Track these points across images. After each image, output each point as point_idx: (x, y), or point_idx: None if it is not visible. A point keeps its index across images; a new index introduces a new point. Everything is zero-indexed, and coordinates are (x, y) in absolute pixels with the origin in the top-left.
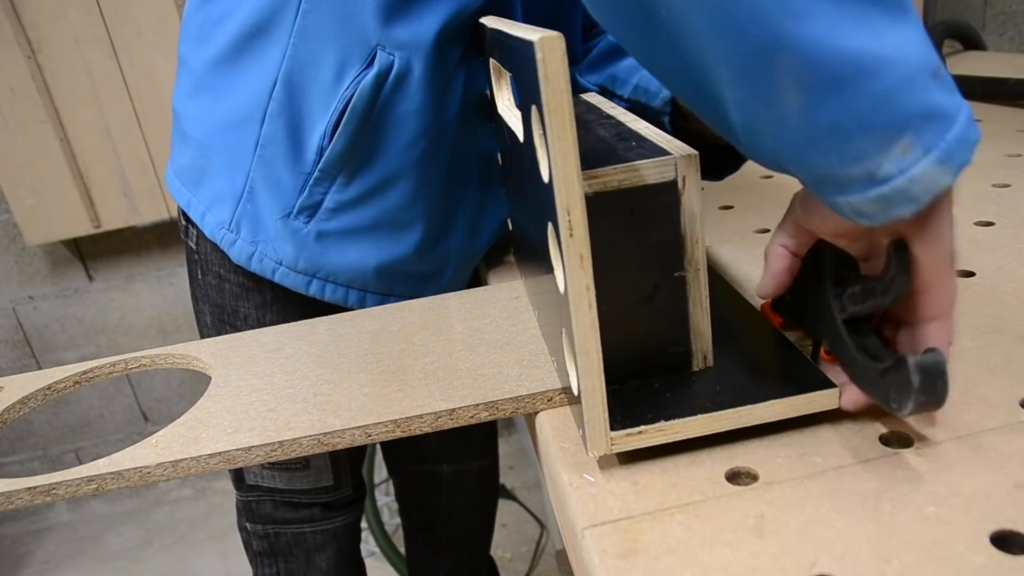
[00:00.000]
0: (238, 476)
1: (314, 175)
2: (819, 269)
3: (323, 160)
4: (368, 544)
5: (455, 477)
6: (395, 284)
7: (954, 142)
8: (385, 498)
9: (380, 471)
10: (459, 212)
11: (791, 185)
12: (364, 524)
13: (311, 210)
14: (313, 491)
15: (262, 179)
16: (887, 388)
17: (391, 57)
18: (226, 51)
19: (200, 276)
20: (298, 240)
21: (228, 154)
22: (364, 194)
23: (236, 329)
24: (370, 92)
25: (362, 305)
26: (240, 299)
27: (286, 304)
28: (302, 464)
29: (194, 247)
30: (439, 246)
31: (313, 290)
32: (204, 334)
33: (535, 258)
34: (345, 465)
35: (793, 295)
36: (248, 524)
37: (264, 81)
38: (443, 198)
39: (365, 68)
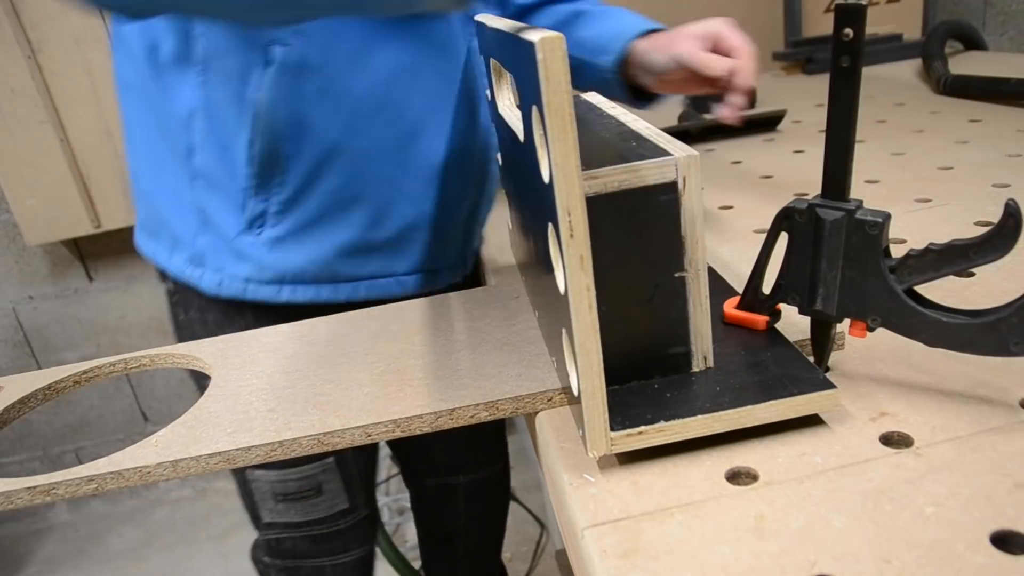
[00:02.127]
0: (254, 515)
1: (252, 185)
2: (843, 250)
3: (255, 167)
4: None
5: (471, 487)
6: (364, 266)
7: None
8: (384, 498)
9: (379, 472)
10: (402, 177)
11: (791, 185)
12: None
13: (260, 219)
14: (330, 518)
15: (209, 207)
16: (1003, 336)
17: (287, 46)
18: (143, 102)
19: (184, 315)
20: (257, 252)
21: (171, 195)
22: (302, 185)
23: None
24: (276, 85)
25: (336, 297)
26: (225, 327)
27: (269, 321)
28: (314, 490)
29: (172, 288)
30: (391, 214)
31: (285, 296)
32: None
33: (535, 258)
34: (358, 484)
35: (788, 287)
36: (267, 558)
37: (181, 117)
38: (379, 166)
39: (266, 65)
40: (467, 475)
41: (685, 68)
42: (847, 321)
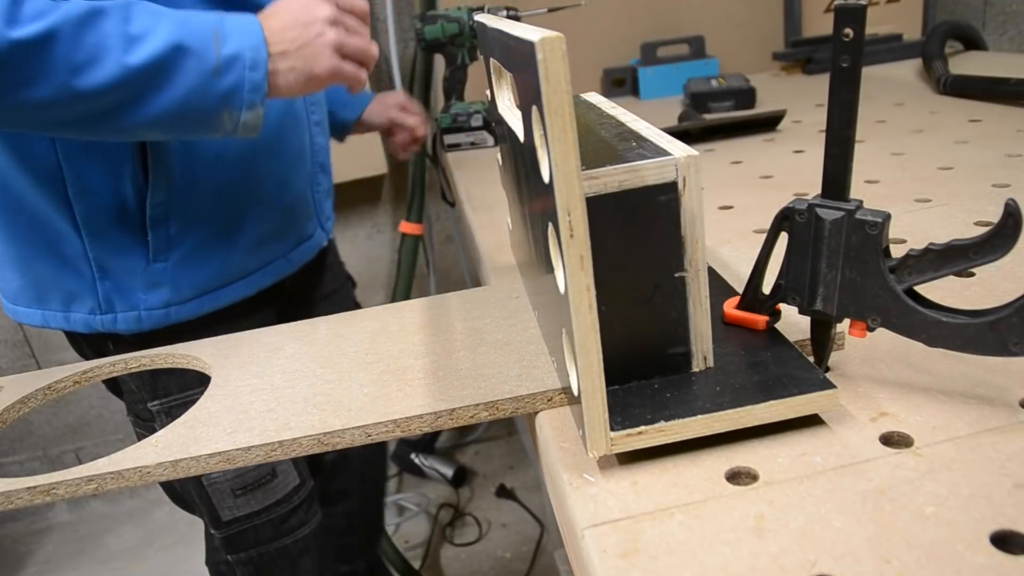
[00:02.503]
0: (213, 517)
1: (149, 215)
2: (841, 249)
3: (151, 195)
4: None
5: (339, 460)
6: (263, 255)
7: (250, 63)
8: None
9: None
10: (276, 166)
11: (790, 185)
12: None
13: (165, 243)
14: (286, 498)
15: (104, 251)
16: (1003, 336)
17: None
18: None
19: (122, 378)
20: (171, 275)
21: (52, 254)
22: (197, 200)
23: (177, 392)
24: None
25: (250, 291)
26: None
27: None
28: (270, 474)
29: (81, 348)
30: (273, 202)
31: (208, 306)
32: (157, 426)
33: (535, 258)
34: (303, 459)
35: (788, 287)
36: (230, 556)
37: (46, 173)
38: (258, 162)
39: None
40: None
41: (394, 124)
42: (847, 321)
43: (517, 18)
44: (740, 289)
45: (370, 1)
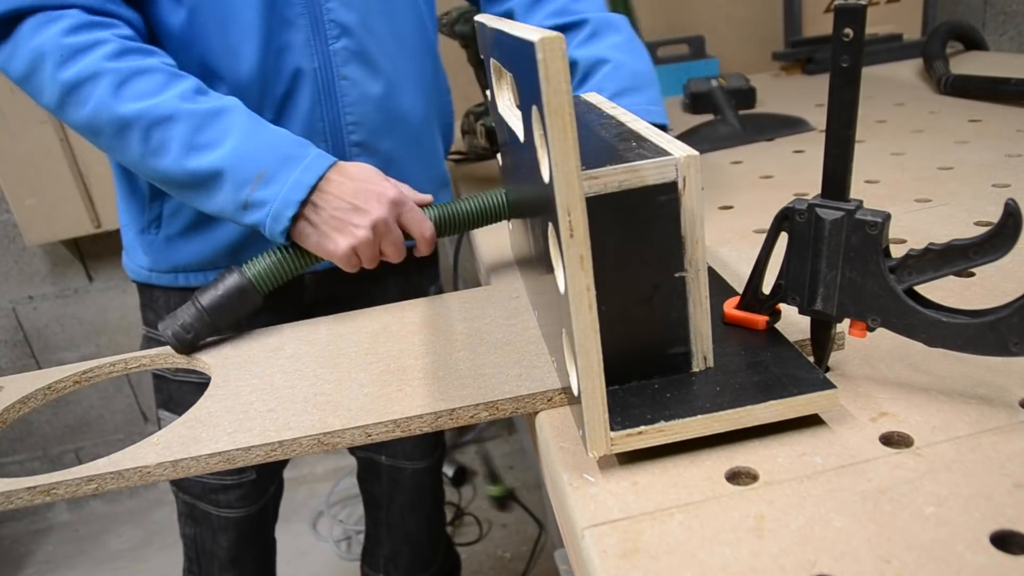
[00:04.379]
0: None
1: (148, 194)
2: (843, 250)
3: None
4: None
5: (392, 471)
6: (239, 259)
7: (273, 213)
8: None
9: None
10: None
11: (790, 185)
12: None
13: (156, 221)
14: (218, 474)
15: (127, 212)
16: (1003, 336)
17: None
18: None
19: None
20: (155, 247)
21: (124, 206)
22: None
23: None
24: None
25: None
26: (144, 307)
27: (175, 295)
28: None
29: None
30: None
31: (182, 282)
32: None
33: (535, 258)
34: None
35: (788, 287)
36: (178, 491)
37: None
38: None
39: None
40: (388, 457)
41: None
42: (847, 321)
43: None
44: (740, 289)
45: None
